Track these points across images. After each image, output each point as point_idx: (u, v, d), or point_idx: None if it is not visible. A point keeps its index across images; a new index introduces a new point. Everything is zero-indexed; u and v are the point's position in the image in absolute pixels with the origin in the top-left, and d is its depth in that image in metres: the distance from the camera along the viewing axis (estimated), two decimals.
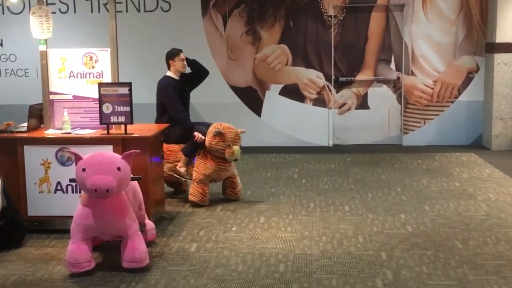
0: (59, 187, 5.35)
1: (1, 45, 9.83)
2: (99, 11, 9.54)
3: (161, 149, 5.83)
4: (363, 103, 9.74)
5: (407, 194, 6.68)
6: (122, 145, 5.27)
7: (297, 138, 9.77)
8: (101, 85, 5.36)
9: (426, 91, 9.58)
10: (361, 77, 9.68)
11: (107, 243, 4.94)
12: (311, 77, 9.66)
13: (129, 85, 5.32)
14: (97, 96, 5.42)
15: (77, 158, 4.51)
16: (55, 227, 5.39)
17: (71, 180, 4.65)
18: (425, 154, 8.90)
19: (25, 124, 5.61)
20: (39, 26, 5.58)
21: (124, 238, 4.55)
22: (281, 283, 4.32)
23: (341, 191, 6.85)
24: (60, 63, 5.63)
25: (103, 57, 5.62)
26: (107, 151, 5.00)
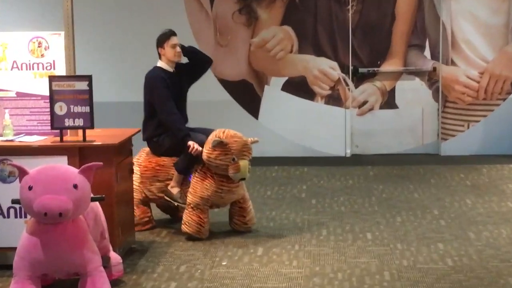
0: None
1: None
2: None
3: (130, 162, 5.81)
4: (389, 101, 9.74)
5: (446, 217, 6.68)
6: (79, 156, 5.25)
7: (305, 146, 9.76)
8: (53, 78, 5.34)
9: (470, 86, 9.59)
10: (386, 67, 9.68)
11: (61, 282, 4.90)
12: (323, 68, 9.66)
13: (89, 78, 5.30)
14: (47, 93, 5.38)
15: (22, 172, 4.49)
16: None
17: (14, 201, 4.63)
18: (469, 166, 8.89)
19: None
20: None
21: (82, 275, 4.53)
22: None
23: (362, 214, 6.84)
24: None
25: (56, 43, 5.58)
26: (61, 163, 4.98)
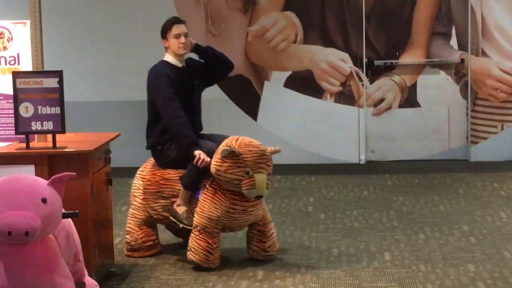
0: None
1: None
2: None
3: (107, 172, 5.80)
4: (410, 99, 9.75)
5: (477, 234, 6.68)
6: (48, 165, 5.26)
7: (312, 152, 9.76)
8: (17, 75, 5.34)
9: (504, 80, 9.60)
10: (406, 59, 9.69)
11: None
12: (333, 61, 9.67)
13: (59, 74, 5.30)
14: (11, 91, 5.39)
15: None
16: None
17: None
18: (503, 173, 8.90)
19: None
20: None
21: None
22: None
23: (379, 231, 6.85)
24: None
25: (20, 34, 5.60)
26: (27, 174, 4.97)
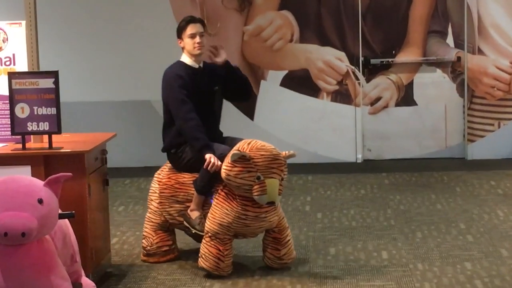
0: None
1: None
2: None
3: (104, 173, 5.80)
4: (406, 97, 9.74)
5: (474, 232, 6.68)
6: (45, 165, 5.25)
7: (309, 151, 9.75)
8: (12, 75, 5.34)
9: (500, 78, 9.59)
10: (403, 58, 9.69)
11: None
12: (329, 60, 9.66)
13: (55, 75, 5.30)
14: (6, 92, 5.39)
15: None
16: None
17: None
18: (500, 172, 8.90)
19: None
20: None
21: None
22: None
23: (376, 230, 6.85)
24: None
25: (16, 35, 5.59)
26: (23, 175, 4.97)
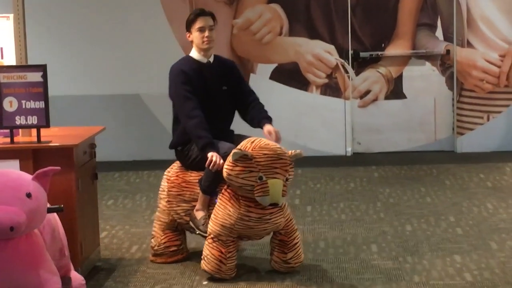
0: None
1: None
2: None
3: (93, 166, 5.79)
4: (396, 90, 9.76)
5: (464, 225, 6.70)
6: (33, 159, 5.26)
7: (298, 144, 9.75)
8: (0, 69, 5.33)
9: (490, 71, 9.62)
10: (392, 51, 9.70)
11: None
12: (318, 53, 9.67)
13: (43, 68, 5.30)
14: None
15: None
16: None
17: None
18: (490, 164, 8.93)
19: None
20: None
21: None
22: None
23: (366, 223, 6.87)
24: None
25: (3, 28, 5.59)
26: (11, 169, 4.96)
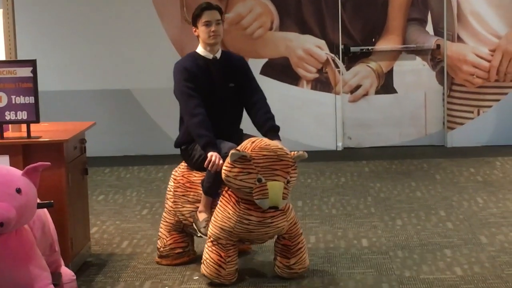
0: None
1: None
2: None
3: (83, 162, 5.79)
4: (386, 85, 9.77)
5: (454, 219, 6.72)
6: (23, 154, 5.26)
7: (289, 139, 9.74)
8: None
9: (480, 65, 9.63)
10: (382, 46, 9.70)
11: None
12: (309, 48, 9.67)
13: (33, 63, 5.29)
14: None
15: None
16: None
17: None
18: (480, 159, 8.95)
19: None
20: None
21: None
22: None
23: (356, 218, 6.88)
24: None
25: None
26: (1, 164, 4.96)
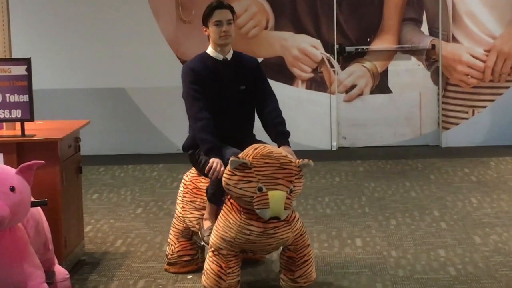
0: None
1: None
2: None
3: (78, 160, 5.78)
4: (381, 85, 9.77)
5: (448, 219, 6.73)
6: (17, 153, 5.26)
7: None
8: None
9: (475, 66, 9.64)
10: (378, 45, 9.71)
11: None
12: (304, 47, 9.67)
13: (28, 62, 5.30)
14: None
15: None
16: None
17: None
18: (474, 159, 8.95)
19: None
20: None
21: None
22: None
23: (351, 217, 6.88)
24: None
25: None
26: None
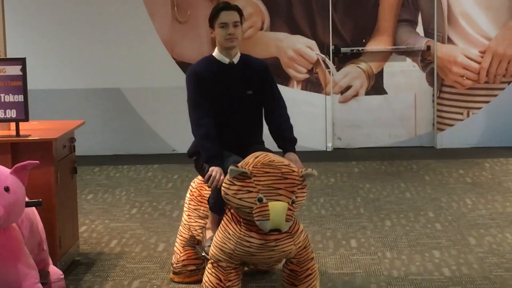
0: None
1: None
2: None
3: (72, 160, 5.77)
4: (376, 86, 9.77)
5: (443, 220, 6.73)
6: (12, 153, 5.25)
7: None
8: None
9: (470, 67, 9.64)
10: (373, 46, 9.71)
11: None
12: (299, 48, 9.67)
13: (23, 62, 5.30)
14: None
15: None
16: None
17: None
18: (469, 160, 8.95)
19: None
20: None
21: None
22: None
23: (345, 218, 6.88)
24: None
25: None
26: None
